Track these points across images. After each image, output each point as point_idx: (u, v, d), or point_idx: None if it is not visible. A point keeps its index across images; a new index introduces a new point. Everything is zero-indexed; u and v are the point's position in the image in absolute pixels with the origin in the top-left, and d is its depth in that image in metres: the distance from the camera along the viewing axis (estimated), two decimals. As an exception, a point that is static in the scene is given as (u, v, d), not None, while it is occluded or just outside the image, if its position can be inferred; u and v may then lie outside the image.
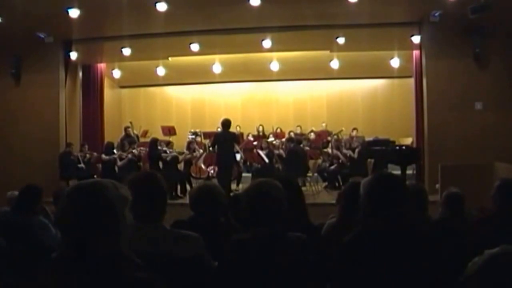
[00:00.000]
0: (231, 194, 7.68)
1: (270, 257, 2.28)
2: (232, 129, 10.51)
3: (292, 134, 13.12)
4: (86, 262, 1.48)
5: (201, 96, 15.66)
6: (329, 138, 12.56)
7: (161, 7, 8.50)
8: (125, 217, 1.57)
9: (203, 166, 11.27)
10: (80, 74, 12.67)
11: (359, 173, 8.63)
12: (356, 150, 10.82)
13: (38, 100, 10.87)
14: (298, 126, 14.13)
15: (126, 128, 12.47)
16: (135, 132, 12.85)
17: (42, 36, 10.33)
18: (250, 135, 13.73)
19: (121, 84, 15.25)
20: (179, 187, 10.15)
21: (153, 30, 10.29)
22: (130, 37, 10.58)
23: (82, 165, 10.62)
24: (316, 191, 10.34)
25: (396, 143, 11.40)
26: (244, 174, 11.27)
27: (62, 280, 1.46)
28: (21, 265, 3.36)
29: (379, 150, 10.24)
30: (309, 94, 15.32)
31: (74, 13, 8.71)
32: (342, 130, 12.71)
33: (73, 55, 11.26)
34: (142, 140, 12.78)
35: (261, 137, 13.37)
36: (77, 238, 1.49)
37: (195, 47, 10.94)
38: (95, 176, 10.43)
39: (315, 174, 10.95)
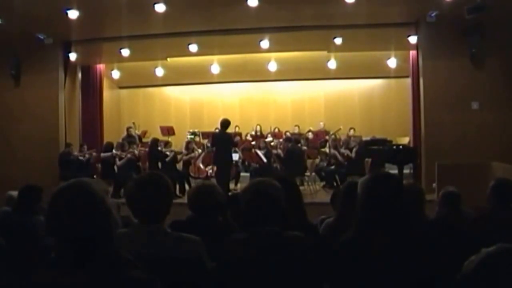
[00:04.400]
0: (230, 193, 7.70)
1: (268, 257, 2.27)
2: (231, 129, 10.54)
3: (288, 134, 13.15)
4: (84, 262, 1.49)
5: (200, 97, 15.64)
6: (327, 138, 12.56)
7: (160, 8, 8.51)
8: (112, 212, 1.57)
9: (201, 166, 11.28)
10: (80, 75, 12.66)
11: (357, 173, 8.69)
12: (354, 150, 10.86)
13: (38, 101, 10.90)
14: (296, 125, 14.13)
15: (128, 128, 12.45)
16: (137, 132, 12.86)
17: (42, 37, 10.33)
18: (249, 135, 13.74)
19: (120, 85, 15.22)
20: (178, 187, 10.17)
21: (152, 31, 10.31)
22: (129, 38, 10.58)
23: (83, 158, 10.66)
24: (314, 191, 10.38)
25: (393, 142, 11.43)
26: (242, 174, 11.29)
27: (61, 280, 1.48)
28: (21, 265, 3.38)
29: (377, 150, 10.27)
30: (306, 94, 15.29)
31: (73, 14, 8.73)
32: (340, 130, 12.72)
33: (72, 56, 11.27)
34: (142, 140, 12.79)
35: (259, 137, 13.35)
36: (71, 239, 1.50)
37: (193, 47, 10.96)
38: (94, 176, 10.47)
39: (313, 174, 10.98)
